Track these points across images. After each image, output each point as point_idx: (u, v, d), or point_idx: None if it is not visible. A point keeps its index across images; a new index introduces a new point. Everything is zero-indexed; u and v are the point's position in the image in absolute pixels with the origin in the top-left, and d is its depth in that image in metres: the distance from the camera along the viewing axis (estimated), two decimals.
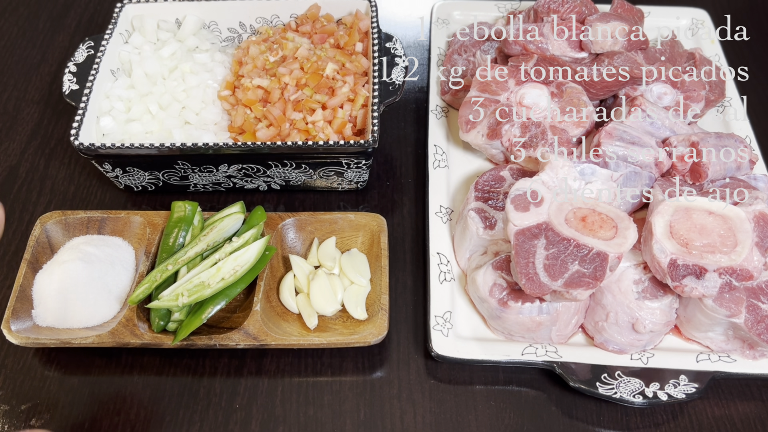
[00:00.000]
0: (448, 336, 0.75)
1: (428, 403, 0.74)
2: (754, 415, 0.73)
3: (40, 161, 0.95)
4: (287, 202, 0.91)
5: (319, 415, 0.72)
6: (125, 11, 0.96)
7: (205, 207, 0.89)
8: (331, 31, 0.97)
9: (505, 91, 0.87)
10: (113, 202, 0.91)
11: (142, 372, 0.76)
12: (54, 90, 1.05)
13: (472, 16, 1.10)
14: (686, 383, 0.71)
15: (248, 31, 1.01)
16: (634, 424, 0.72)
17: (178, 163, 0.84)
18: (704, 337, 0.74)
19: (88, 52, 0.92)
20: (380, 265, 0.78)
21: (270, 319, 0.75)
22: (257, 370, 0.76)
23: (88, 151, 0.80)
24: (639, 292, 0.72)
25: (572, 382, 0.71)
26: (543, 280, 0.68)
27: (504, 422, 0.72)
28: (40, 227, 0.80)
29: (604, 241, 0.69)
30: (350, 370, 0.76)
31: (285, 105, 0.89)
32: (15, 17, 1.16)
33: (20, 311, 0.74)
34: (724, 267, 0.68)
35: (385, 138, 0.98)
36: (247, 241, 0.77)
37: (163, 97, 0.91)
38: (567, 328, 0.75)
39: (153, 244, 0.80)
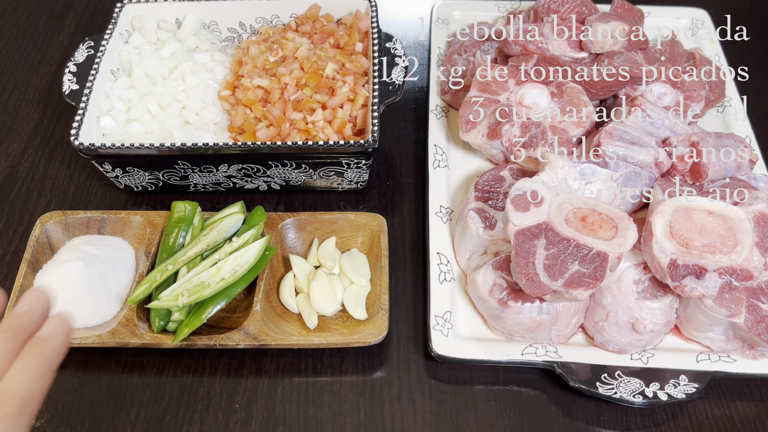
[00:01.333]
0: (448, 336, 0.75)
1: (428, 403, 0.74)
2: (754, 415, 0.73)
3: (40, 161, 0.95)
4: (287, 202, 0.91)
5: (319, 415, 0.72)
6: (125, 11, 0.96)
7: (205, 207, 0.89)
8: (331, 31, 0.97)
9: (505, 91, 0.87)
10: (113, 202, 0.91)
11: (142, 372, 0.76)
12: (54, 90, 1.05)
13: (472, 16, 1.10)
14: (686, 383, 0.71)
15: (248, 31, 1.01)
16: (634, 424, 0.72)
17: (178, 163, 0.84)
18: (704, 337, 0.74)
19: (88, 52, 0.92)
20: (380, 265, 0.78)
21: (270, 319, 0.75)
22: (257, 370, 0.76)
23: (88, 151, 0.80)
24: (639, 292, 0.72)
25: (572, 382, 0.71)
26: (543, 280, 0.68)
27: (504, 422, 0.72)
28: (40, 227, 0.80)
29: (604, 241, 0.69)
30: (350, 370, 0.76)
31: (285, 105, 0.89)
32: (15, 17, 1.16)
33: None
34: (724, 267, 0.68)
35: (385, 138, 0.98)
36: (247, 241, 0.77)
37: (163, 97, 0.91)
38: (567, 328, 0.75)
39: (153, 244, 0.80)
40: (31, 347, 0.54)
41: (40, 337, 0.54)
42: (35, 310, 0.56)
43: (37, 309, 0.56)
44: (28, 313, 0.55)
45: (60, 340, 0.55)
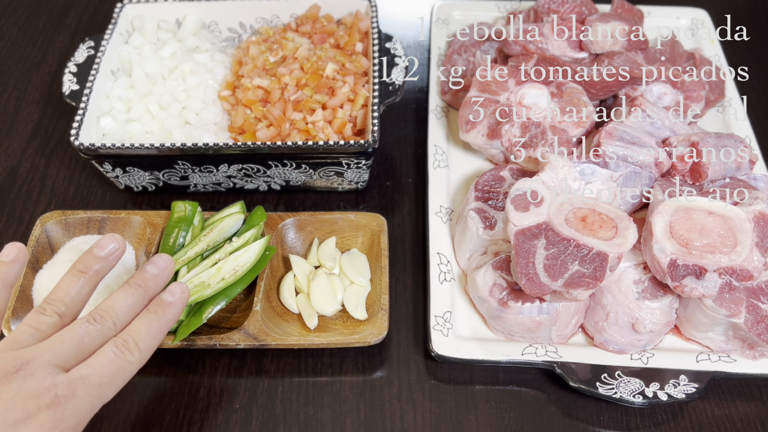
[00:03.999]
0: (448, 336, 0.75)
1: (428, 403, 0.74)
2: (754, 415, 0.73)
3: (40, 161, 0.95)
4: (287, 202, 0.91)
5: (319, 415, 0.72)
6: (125, 11, 0.96)
7: (205, 207, 0.89)
8: (331, 31, 0.97)
9: (505, 91, 0.87)
10: (113, 202, 0.91)
11: (142, 372, 0.75)
12: (54, 90, 1.05)
13: (472, 16, 1.10)
14: (686, 383, 0.71)
15: (248, 31, 1.01)
16: (634, 424, 0.72)
17: (178, 163, 0.84)
18: (704, 337, 0.74)
19: (88, 52, 0.92)
20: (380, 265, 0.78)
21: (270, 319, 0.75)
22: (257, 370, 0.76)
23: (88, 151, 0.80)
24: (639, 292, 0.72)
25: (572, 382, 0.71)
26: (543, 280, 0.68)
27: (504, 422, 0.72)
28: (40, 227, 0.80)
29: (604, 241, 0.69)
30: (350, 370, 0.76)
31: (285, 105, 0.89)
32: (15, 17, 1.16)
33: (20, 311, 0.74)
34: (724, 267, 0.68)
35: (385, 138, 0.98)
36: (247, 241, 0.77)
37: (163, 97, 0.91)
38: (567, 328, 0.75)
39: (153, 244, 0.80)
40: (155, 307, 0.59)
41: (164, 301, 0.60)
42: (162, 276, 0.61)
43: (164, 275, 0.62)
44: (157, 278, 0.61)
45: (179, 308, 0.60)
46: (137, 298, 0.59)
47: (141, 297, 0.59)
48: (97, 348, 0.56)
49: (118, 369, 0.55)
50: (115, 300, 0.58)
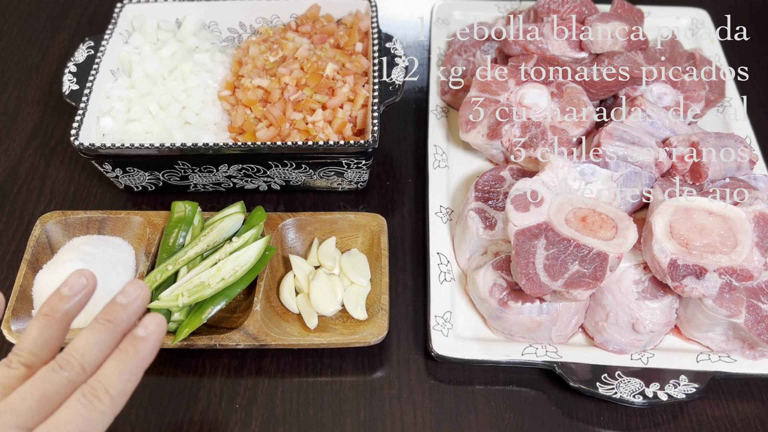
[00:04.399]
0: (448, 336, 0.75)
1: (428, 403, 0.74)
2: (754, 415, 0.73)
3: (40, 161, 0.95)
4: (287, 202, 0.91)
5: (319, 415, 0.72)
6: (125, 11, 0.96)
7: (205, 207, 0.89)
8: (331, 31, 0.97)
9: (505, 91, 0.87)
10: (113, 202, 0.91)
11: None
12: (54, 90, 1.05)
13: (472, 16, 1.10)
14: (686, 383, 0.71)
15: (248, 31, 1.01)
16: (634, 424, 0.72)
17: (178, 163, 0.84)
18: (704, 337, 0.74)
19: (88, 52, 0.92)
20: (380, 265, 0.78)
21: (270, 319, 0.75)
22: (257, 370, 0.76)
23: (88, 151, 0.80)
24: (639, 292, 0.72)
25: (572, 382, 0.71)
26: (543, 280, 0.68)
27: (504, 422, 0.72)
28: (40, 227, 0.80)
29: (604, 241, 0.69)
30: (350, 370, 0.76)
31: (285, 105, 0.89)
32: (15, 17, 1.16)
33: (20, 311, 0.74)
34: (724, 267, 0.68)
35: (385, 138, 0.98)
36: (247, 242, 0.77)
37: (163, 97, 0.91)
38: (567, 329, 0.75)
39: (153, 245, 0.80)
40: (127, 345, 0.52)
41: (137, 337, 0.52)
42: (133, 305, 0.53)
43: (136, 304, 0.53)
44: (128, 308, 0.53)
45: (155, 344, 0.52)
46: (107, 335, 0.52)
47: (111, 334, 0.52)
48: (65, 398, 0.49)
49: (87, 423, 0.48)
50: (82, 340, 0.51)
